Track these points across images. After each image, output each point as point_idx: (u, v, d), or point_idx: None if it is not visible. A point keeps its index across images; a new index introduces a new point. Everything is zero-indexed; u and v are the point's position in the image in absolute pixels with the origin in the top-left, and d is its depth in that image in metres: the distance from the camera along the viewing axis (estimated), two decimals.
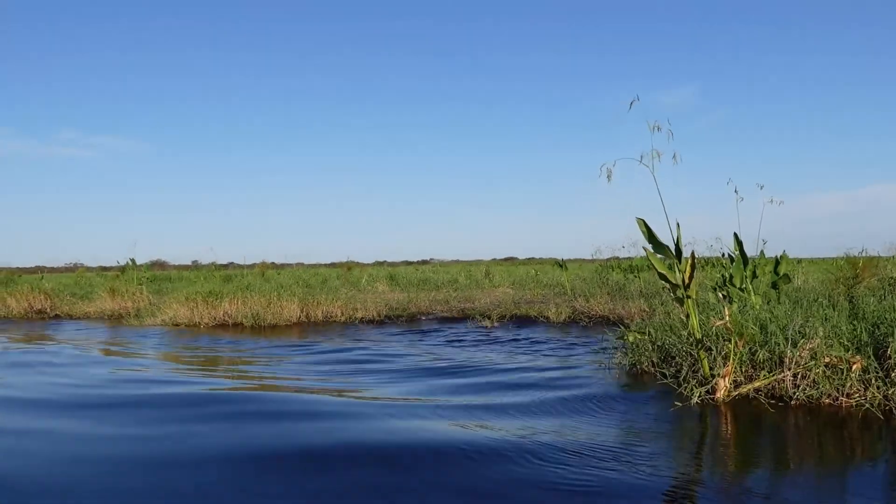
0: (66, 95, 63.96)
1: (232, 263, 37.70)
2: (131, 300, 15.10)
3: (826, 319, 5.36)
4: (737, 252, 7.50)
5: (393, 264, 48.80)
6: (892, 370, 4.68)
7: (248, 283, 14.63)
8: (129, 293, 15.43)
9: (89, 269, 36.89)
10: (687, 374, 5.27)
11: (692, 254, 4.98)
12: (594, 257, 15.45)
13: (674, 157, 5.02)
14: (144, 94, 65.67)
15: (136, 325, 13.01)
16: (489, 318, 11.91)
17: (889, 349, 4.74)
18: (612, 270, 17.26)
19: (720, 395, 4.89)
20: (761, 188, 8.04)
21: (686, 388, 5.00)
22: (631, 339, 6.20)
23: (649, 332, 6.20)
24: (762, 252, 16.34)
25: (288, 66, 68.90)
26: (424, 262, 53.86)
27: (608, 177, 4.86)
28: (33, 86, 63.27)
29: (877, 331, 5.05)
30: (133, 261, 25.65)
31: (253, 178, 70.37)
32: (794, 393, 4.78)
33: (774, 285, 7.24)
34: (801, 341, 4.94)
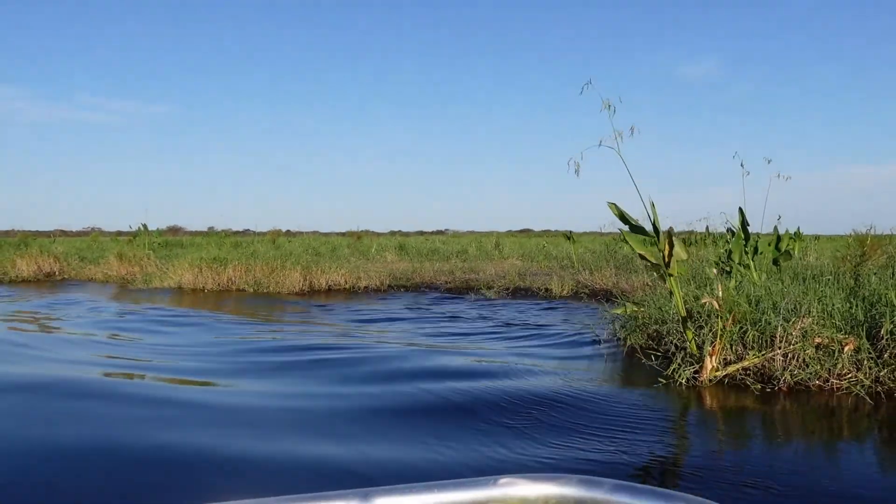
0: (88, 59, 64.07)
1: (248, 230, 37.84)
2: (138, 265, 15.15)
3: (820, 298, 5.21)
4: (738, 227, 7.33)
5: (407, 234, 48.68)
6: (885, 351, 4.54)
7: (253, 250, 14.62)
8: (136, 258, 15.49)
9: (105, 233, 37.18)
10: (675, 352, 5.15)
11: (669, 230, 4.85)
12: (603, 230, 15.26)
13: (631, 130, 4.88)
14: (165, 58, 65.62)
15: (142, 287, 13.07)
16: (492, 290, 11.82)
17: (882, 329, 4.60)
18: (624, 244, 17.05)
19: (706, 374, 4.78)
20: (769, 162, 7.85)
21: (674, 365, 4.89)
22: (621, 311, 6.08)
23: (642, 307, 6.08)
24: (776, 228, 16.07)
25: (307, 29, 68.43)
26: (439, 233, 53.68)
27: (576, 171, 4.72)
28: (55, 51, 63.46)
29: (873, 310, 4.90)
30: (145, 226, 25.81)
31: (271, 143, 70.40)
32: (782, 374, 4.66)
33: (776, 261, 7.06)
34: (793, 320, 4.81)
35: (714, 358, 4.81)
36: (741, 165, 7.60)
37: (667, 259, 4.99)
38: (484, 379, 4.88)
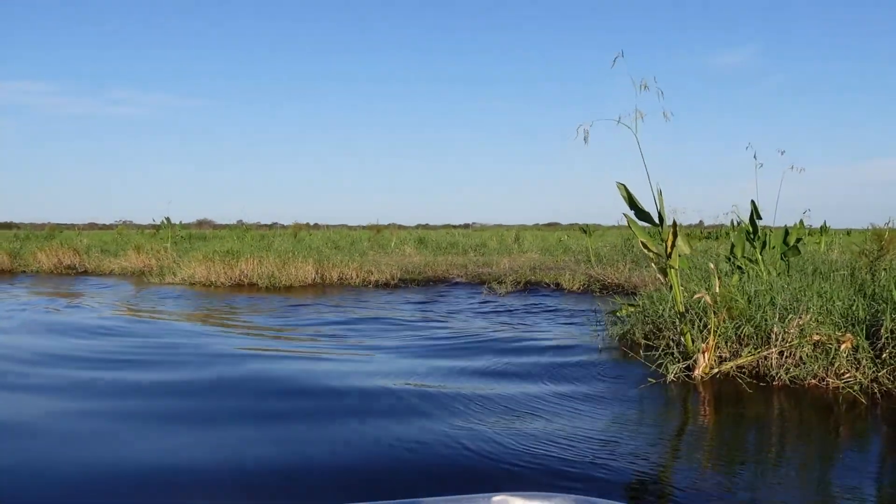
0: (121, 54, 65.00)
1: (276, 223, 38.06)
2: (155, 258, 15.28)
3: (820, 294, 5.03)
4: (746, 220, 7.12)
5: (434, 227, 48.62)
6: (885, 350, 4.35)
7: (267, 243, 14.64)
8: (153, 251, 15.62)
9: (136, 226, 37.56)
10: (671, 348, 5.00)
11: (674, 222, 4.69)
12: (619, 223, 15.04)
13: (664, 114, 4.71)
14: (200, 52, 66.26)
15: (155, 282, 13.16)
16: (502, 284, 11.70)
17: (882, 328, 4.41)
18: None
19: (699, 371, 4.63)
20: (782, 154, 7.63)
21: (665, 362, 4.75)
22: (619, 313, 5.94)
23: (643, 303, 5.93)
24: (800, 221, 15.75)
25: (336, 22, 68.60)
26: (466, 226, 53.58)
27: (585, 139, 4.57)
28: (89, 47, 64.48)
29: (874, 307, 4.71)
30: (168, 219, 26.07)
31: (301, 138, 70.80)
32: (777, 372, 4.49)
33: (784, 256, 6.85)
34: (790, 317, 4.64)
35: (708, 355, 4.66)
36: (754, 157, 7.41)
37: (669, 250, 4.84)
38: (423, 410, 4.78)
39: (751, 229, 7.12)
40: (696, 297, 4.71)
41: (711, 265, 5.33)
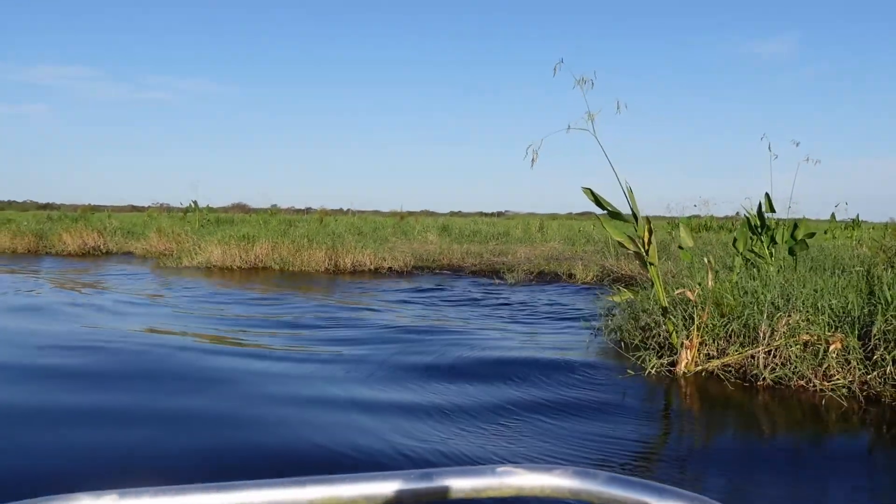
0: (156, 41, 65.95)
1: (309, 208, 38.23)
2: (175, 241, 15.42)
3: (816, 292, 4.83)
4: (754, 214, 6.89)
5: (467, 215, 48.36)
6: (876, 351, 4.16)
7: (284, 229, 14.69)
8: (173, 234, 15.78)
9: (171, 209, 38.03)
10: (655, 343, 4.87)
11: (646, 218, 4.55)
12: (667, 214, 14.95)
13: (617, 106, 4.56)
14: (231, 38, 66.86)
15: (171, 265, 13.29)
16: (513, 274, 11.58)
17: (875, 328, 4.22)
18: (677, 227, 16.50)
19: (681, 367, 4.49)
20: (797, 145, 7.40)
21: (647, 358, 4.61)
22: (616, 298, 5.78)
23: (637, 293, 5.77)
24: (832, 215, 15.13)
25: (367, 13, 68.61)
26: (500, 214, 53.18)
27: (532, 161, 4.42)
28: (124, 33, 65.53)
29: (869, 307, 4.51)
30: (195, 202, 26.38)
31: (337, 124, 71.14)
32: (763, 373, 4.33)
33: (792, 251, 6.61)
34: (778, 315, 4.46)
35: (691, 351, 4.51)
36: (769, 149, 7.17)
37: (646, 247, 4.70)
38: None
39: (758, 223, 6.89)
40: (677, 293, 4.56)
41: (706, 259, 5.16)
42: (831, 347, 4.18)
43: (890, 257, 7.92)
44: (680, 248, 6.69)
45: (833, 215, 18.90)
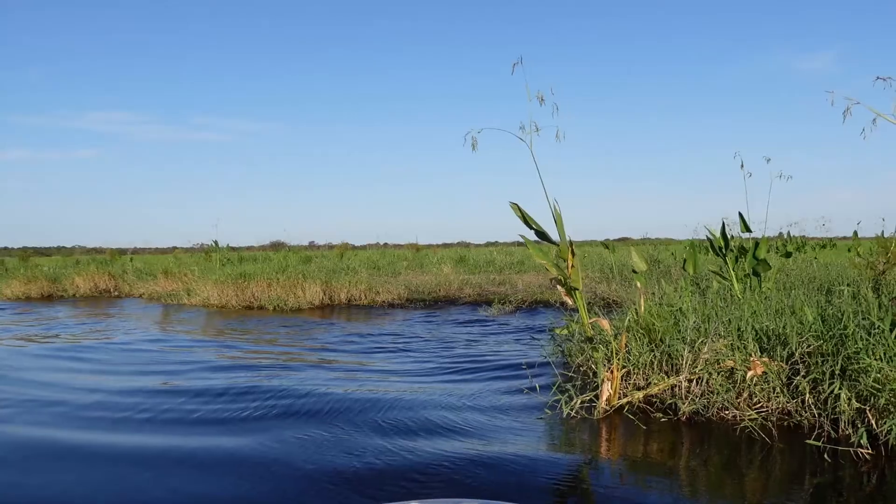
0: (201, 84, 67.92)
1: (347, 243, 38.48)
2: (180, 281, 15.59)
3: (753, 314, 4.60)
4: (717, 235, 6.66)
5: (505, 245, 48.13)
6: (795, 377, 3.92)
7: (283, 265, 14.72)
8: (179, 275, 15.95)
9: (192, 249, 38.54)
10: (582, 377, 4.67)
11: (569, 242, 4.39)
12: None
13: (556, 134, 4.43)
14: (274, 78, 68.48)
15: (173, 303, 13.40)
16: (506, 304, 11.40)
17: (797, 351, 3.98)
18: (696, 251, 16.15)
19: (602, 403, 4.28)
20: (768, 161, 7.15)
21: (565, 396, 4.40)
22: (561, 331, 5.61)
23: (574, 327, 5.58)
24: (855, 233, 14.68)
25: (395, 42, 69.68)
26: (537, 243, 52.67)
27: (472, 146, 4.33)
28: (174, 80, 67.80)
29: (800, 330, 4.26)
30: (216, 242, 26.72)
31: (371, 159, 71.92)
32: (681, 404, 4.11)
33: (755, 271, 6.34)
34: (700, 340, 4.25)
35: (613, 383, 4.31)
36: (741, 167, 6.97)
37: (569, 271, 4.54)
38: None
39: (722, 244, 6.66)
40: (589, 321, 4.38)
41: (638, 284, 4.98)
42: (748, 374, 3.95)
43: (877, 274, 7.55)
44: (634, 272, 6.52)
45: (855, 233, 18.29)
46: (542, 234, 4.57)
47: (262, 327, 9.84)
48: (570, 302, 4.63)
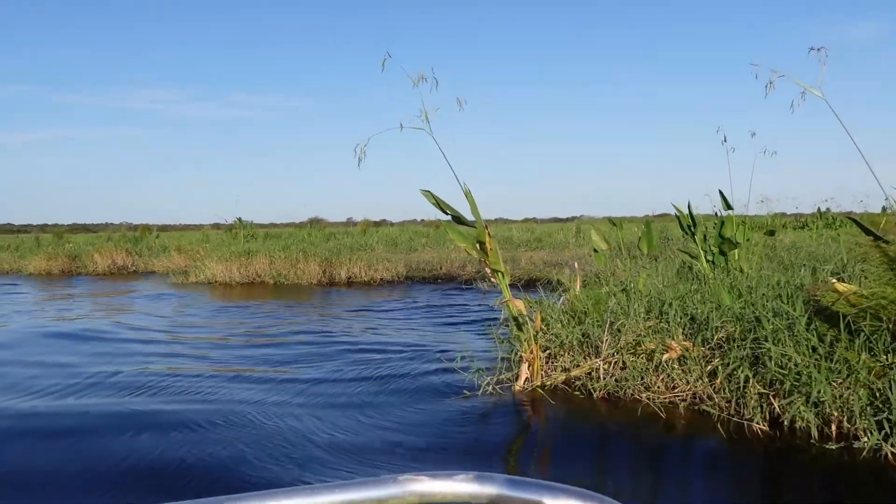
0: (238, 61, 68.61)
1: (385, 220, 38.60)
2: (193, 258, 15.80)
3: (682, 297, 4.46)
4: (685, 213, 6.47)
5: (543, 221, 47.70)
6: (712, 360, 3.79)
7: (285, 243, 14.82)
8: (191, 251, 16.19)
9: (219, 225, 39.05)
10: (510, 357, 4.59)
11: (485, 224, 4.30)
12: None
13: (458, 101, 4.31)
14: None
15: (178, 282, 13.62)
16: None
17: (715, 336, 3.85)
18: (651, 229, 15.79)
19: (520, 383, 4.21)
20: (753, 136, 6.91)
21: (480, 375, 4.34)
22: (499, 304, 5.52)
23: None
24: (884, 208, 14.37)
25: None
26: (573, 219, 52.31)
27: (359, 160, 4.22)
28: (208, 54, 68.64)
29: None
30: (240, 219, 27.01)
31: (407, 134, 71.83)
32: (595, 386, 4.01)
33: (722, 250, 6.14)
34: (619, 322, 4.14)
35: (533, 364, 4.23)
36: (723, 141, 6.76)
37: (487, 252, 4.44)
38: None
39: (690, 221, 6.47)
40: (496, 303, 4.29)
41: (575, 265, 4.86)
42: (664, 357, 3.83)
43: (864, 253, 7.25)
44: (595, 251, 6.38)
45: (883, 209, 17.72)
46: (457, 218, 4.47)
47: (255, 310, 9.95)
48: (494, 281, 4.53)
